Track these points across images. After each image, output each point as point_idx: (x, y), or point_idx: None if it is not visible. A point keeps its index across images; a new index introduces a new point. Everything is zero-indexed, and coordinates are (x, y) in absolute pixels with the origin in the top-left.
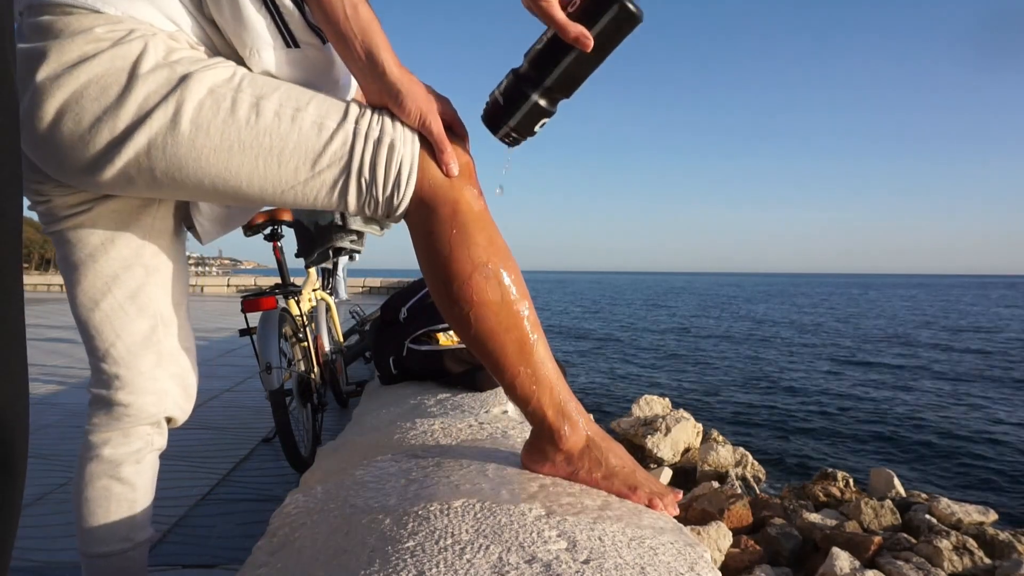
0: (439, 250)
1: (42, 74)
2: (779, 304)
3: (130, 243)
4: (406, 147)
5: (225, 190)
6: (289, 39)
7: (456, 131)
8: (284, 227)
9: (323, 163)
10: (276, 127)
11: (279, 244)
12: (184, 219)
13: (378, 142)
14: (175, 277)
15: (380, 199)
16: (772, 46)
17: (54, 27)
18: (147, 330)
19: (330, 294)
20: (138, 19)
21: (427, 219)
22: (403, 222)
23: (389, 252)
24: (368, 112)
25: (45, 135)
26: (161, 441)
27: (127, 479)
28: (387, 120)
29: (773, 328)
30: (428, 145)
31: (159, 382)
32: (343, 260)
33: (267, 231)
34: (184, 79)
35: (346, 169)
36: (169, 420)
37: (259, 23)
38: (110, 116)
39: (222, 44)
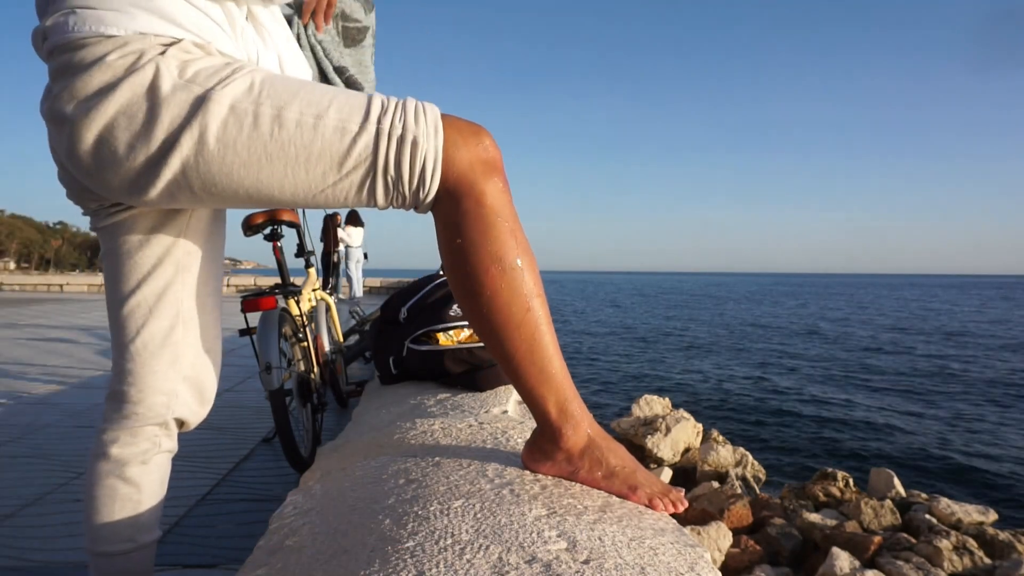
0: (460, 242)
1: (73, 110)
2: (779, 304)
3: (163, 241)
4: (429, 142)
5: (260, 198)
6: None
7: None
8: (284, 227)
9: (349, 165)
10: (299, 136)
11: (279, 244)
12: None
13: (401, 140)
14: (206, 277)
15: (407, 194)
16: (768, 42)
17: (72, 63)
18: (167, 329)
19: (330, 293)
20: (143, 33)
21: (452, 211)
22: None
23: (389, 252)
24: (391, 108)
25: (90, 165)
26: (169, 443)
27: (132, 479)
28: (409, 116)
29: (773, 328)
30: (452, 136)
31: (170, 383)
32: (357, 254)
33: (267, 231)
34: (203, 101)
35: (371, 169)
36: (181, 424)
37: None
38: (142, 143)
39: (222, 17)
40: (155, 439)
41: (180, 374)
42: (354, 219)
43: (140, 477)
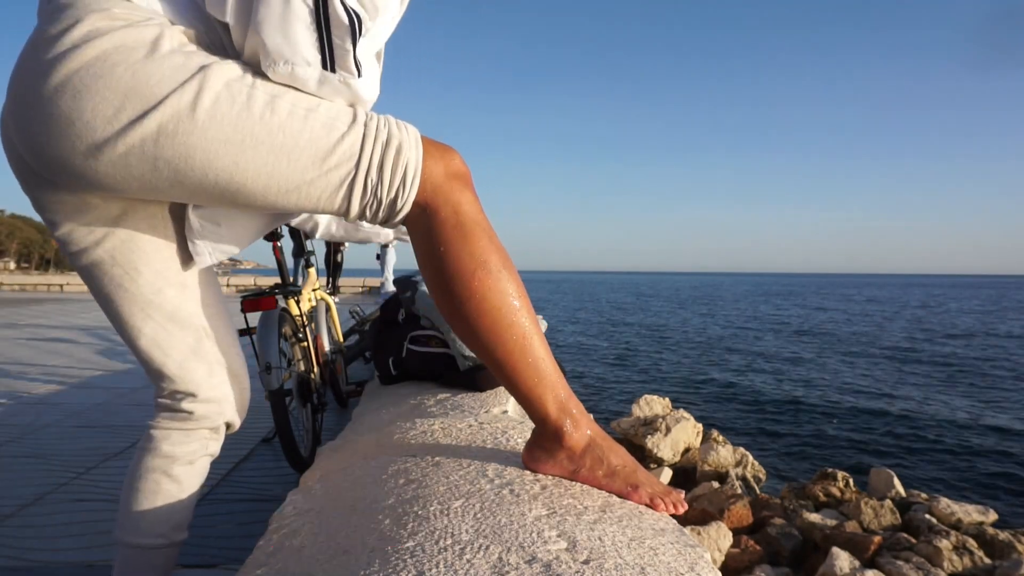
0: (442, 250)
1: (48, 52)
2: (778, 304)
3: (152, 267)
4: (411, 150)
5: (228, 185)
6: (329, 62)
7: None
8: (283, 227)
9: (332, 162)
10: (289, 124)
11: (279, 244)
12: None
13: (386, 144)
14: (206, 286)
15: (384, 201)
16: (767, 42)
17: (71, 7)
18: (193, 343)
19: (331, 293)
20: (155, 11)
21: (429, 221)
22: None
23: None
24: (375, 116)
25: (39, 117)
26: (215, 447)
27: (177, 477)
28: (393, 124)
29: (773, 328)
30: (430, 151)
31: (216, 390)
32: (391, 252)
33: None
34: (202, 69)
35: (355, 168)
36: (228, 426)
37: (305, 39)
38: (122, 99)
39: (233, 50)
40: (205, 441)
41: (220, 380)
42: None
43: (184, 476)
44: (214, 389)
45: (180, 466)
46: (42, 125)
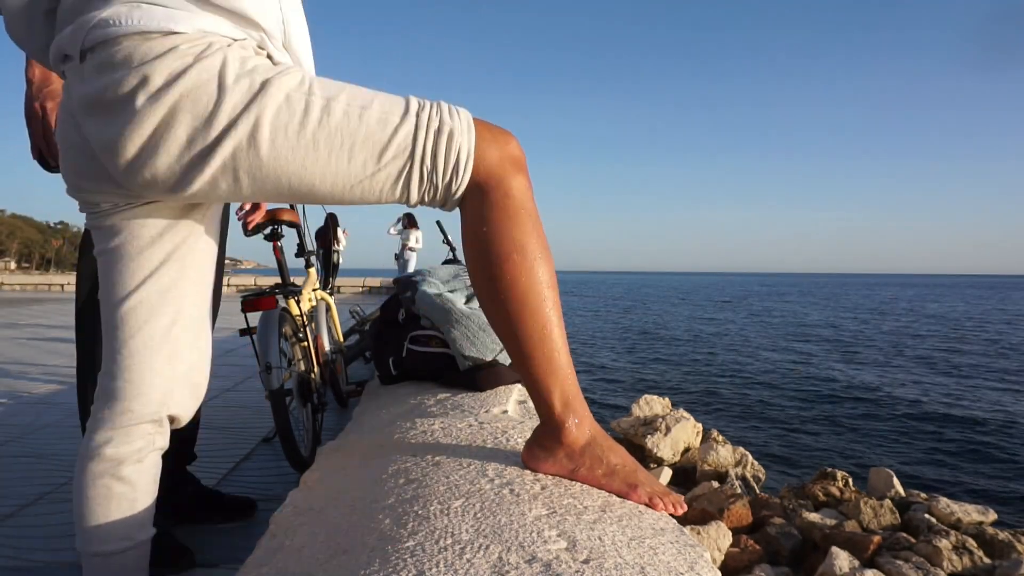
0: (485, 229)
1: (136, 99)
2: (777, 304)
3: (173, 240)
4: (463, 136)
5: (300, 187)
6: None
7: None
8: (284, 227)
9: (388, 155)
10: (346, 125)
11: (279, 244)
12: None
13: (438, 132)
14: (207, 276)
15: (440, 186)
16: (768, 42)
17: (136, 54)
18: (167, 326)
19: (331, 293)
20: (208, 31)
21: (480, 202)
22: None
23: (389, 253)
24: (427, 105)
25: (139, 154)
26: (163, 441)
27: (128, 478)
28: (444, 112)
29: (772, 327)
30: (483, 134)
31: (167, 380)
32: (413, 258)
33: (267, 231)
34: (263, 87)
35: (410, 159)
36: (172, 419)
37: None
38: (202, 128)
39: (272, 47)
40: (150, 437)
41: (176, 371)
42: (414, 222)
43: (135, 476)
44: (164, 378)
45: (129, 467)
46: (141, 156)
